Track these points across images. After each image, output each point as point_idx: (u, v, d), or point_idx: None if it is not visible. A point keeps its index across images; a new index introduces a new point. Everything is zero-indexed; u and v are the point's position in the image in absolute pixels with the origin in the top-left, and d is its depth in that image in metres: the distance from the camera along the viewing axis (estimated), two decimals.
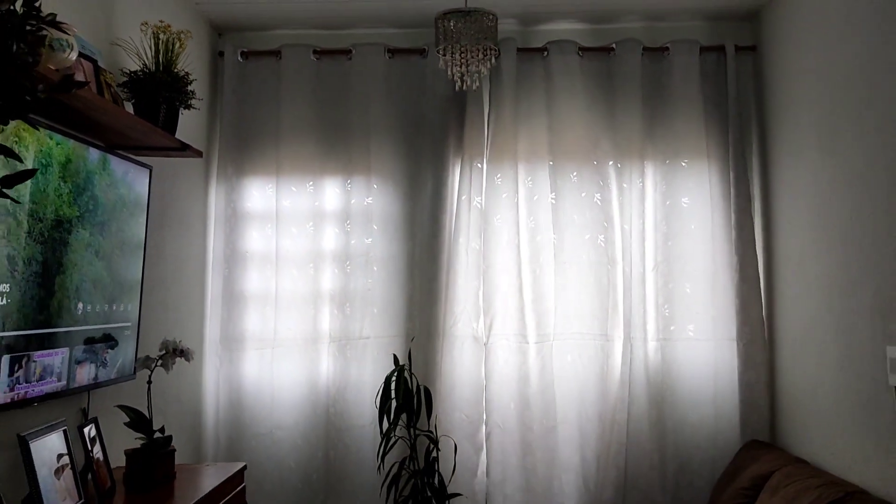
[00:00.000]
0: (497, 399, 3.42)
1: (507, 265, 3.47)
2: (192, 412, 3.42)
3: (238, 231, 3.61)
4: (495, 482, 3.35)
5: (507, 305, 3.45)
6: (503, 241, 3.48)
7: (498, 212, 3.50)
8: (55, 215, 2.11)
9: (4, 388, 1.91)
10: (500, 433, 3.40)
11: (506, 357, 3.44)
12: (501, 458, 3.38)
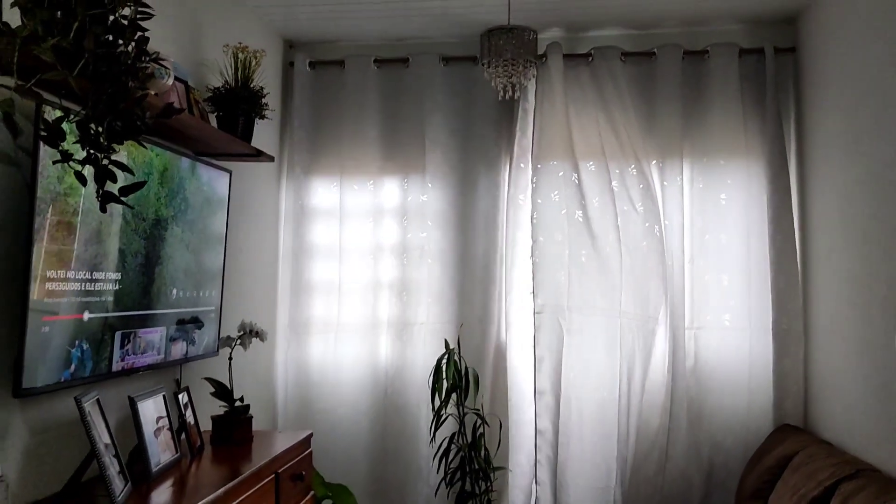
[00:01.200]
0: (542, 380, 3.62)
1: (553, 258, 3.69)
2: (266, 387, 3.83)
3: (305, 226, 3.98)
4: (539, 457, 3.60)
5: (551, 293, 3.66)
6: (550, 235, 3.68)
7: (545, 208, 3.71)
8: (155, 215, 2.50)
9: (118, 358, 2.31)
10: (545, 411, 3.61)
11: (550, 340, 3.64)
12: (546, 435, 3.60)
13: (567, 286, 3.64)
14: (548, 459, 3.49)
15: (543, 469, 3.48)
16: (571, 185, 3.72)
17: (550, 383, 3.54)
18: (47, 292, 1.97)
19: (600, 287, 3.66)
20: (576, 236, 3.68)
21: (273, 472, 2.62)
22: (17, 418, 2.02)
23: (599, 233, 3.67)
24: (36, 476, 2.09)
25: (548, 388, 3.55)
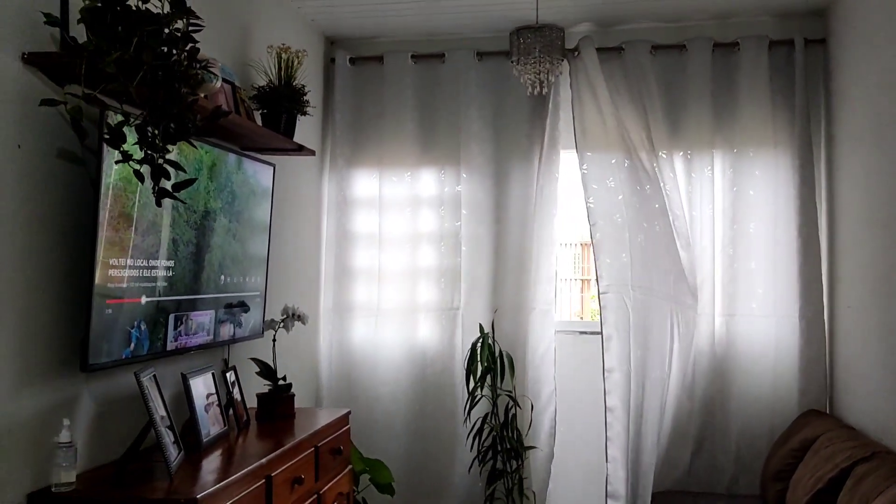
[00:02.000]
0: (610, 358, 3.61)
1: (613, 240, 3.71)
2: (310, 367, 4.05)
3: (347, 215, 4.18)
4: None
5: (615, 273, 3.67)
6: (609, 218, 3.71)
7: (600, 193, 3.74)
8: (204, 207, 2.71)
9: (171, 338, 2.53)
10: (614, 388, 3.59)
11: (616, 319, 3.65)
12: (615, 412, 3.58)
13: (629, 267, 3.67)
14: (618, 436, 3.49)
15: (615, 446, 3.48)
16: (624, 171, 3.75)
17: (618, 361, 3.55)
18: (109, 278, 2.19)
19: (653, 270, 3.71)
20: (631, 221, 3.71)
21: (313, 445, 2.82)
22: (84, 391, 2.25)
23: (649, 219, 3.74)
24: (100, 443, 2.32)
25: (616, 366, 3.56)
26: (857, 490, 2.58)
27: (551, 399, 3.82)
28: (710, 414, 3.74)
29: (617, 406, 3.54)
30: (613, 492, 3.47)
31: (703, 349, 3.76)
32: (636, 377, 3.60)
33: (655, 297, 3.69)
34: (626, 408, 3.56)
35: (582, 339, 4.09)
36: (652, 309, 3.69)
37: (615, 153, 3.77)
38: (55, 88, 2.05)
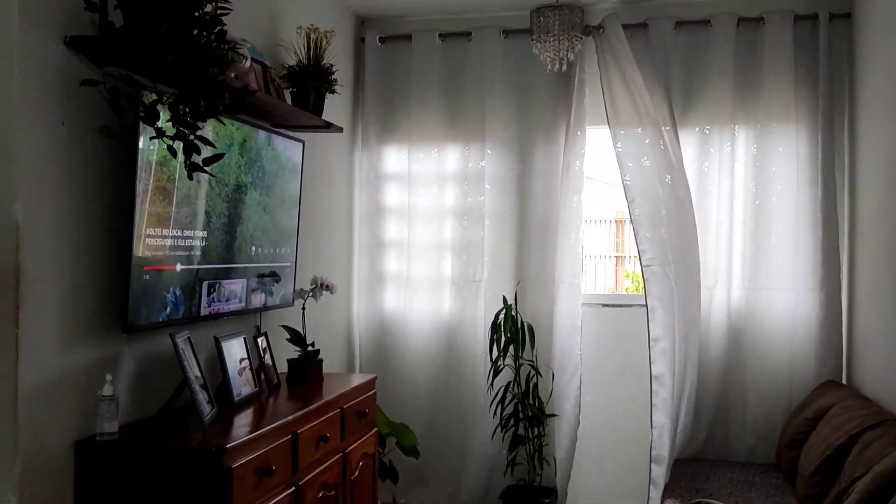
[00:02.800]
0: (656, 328, 3.60)
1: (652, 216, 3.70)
2: (345, 335, 4.23)
3: (379, 190, 4.33)
4: (655, 401, 3.58)
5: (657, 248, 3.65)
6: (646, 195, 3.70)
7: (636, 171, 3.74)
8: (235, 181, 2.86)
9: (205, 304, 2.71)
10: (660, 357, 3.59)
11: (660, 291, 3.62)
12: (661, 379, 3.57)
13: (669, 243, 3.68)
14: (664, 403, 3.52)
15: (660, 412, 3.52)
16: (658, 150, 3.76)
17: (664, 331, 3.58)
18: (147, 247, 2.36)
19: (685, 245, 3.74)
20: (666, 198, 3.73)
21: (339, 406, 2.99)
22: (125, 350, 2.44)
23: (680, 196, 3.78)
24: (140, 399, 2.51)
25: (661, 335, 3.58)
26: (863, 455, 2.65)
27: (577, 369, 3.92)
28: (728, 385, 3.82)
29: (663, 373, 3.53)
30: (657, 456, 3.46)
31: (720, 322, 3.83)
32: (679, 347, 3.65)
33: (688, 271, 3.74)
34: (672, 375, 3.56)
35: (605, 312, 4.18)
36: (685, 283, 3.73)
37: (647, 131, 3.79)
38: (95, 70, 2.21)
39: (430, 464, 4.10)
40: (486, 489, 4.06)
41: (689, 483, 3.37)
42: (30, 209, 2.04)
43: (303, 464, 2.63)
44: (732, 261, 3.86)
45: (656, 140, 3.77)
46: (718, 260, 3.85)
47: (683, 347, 3.66)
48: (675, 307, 3.63)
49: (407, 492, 4.11)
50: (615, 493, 4.00)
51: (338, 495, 2.92)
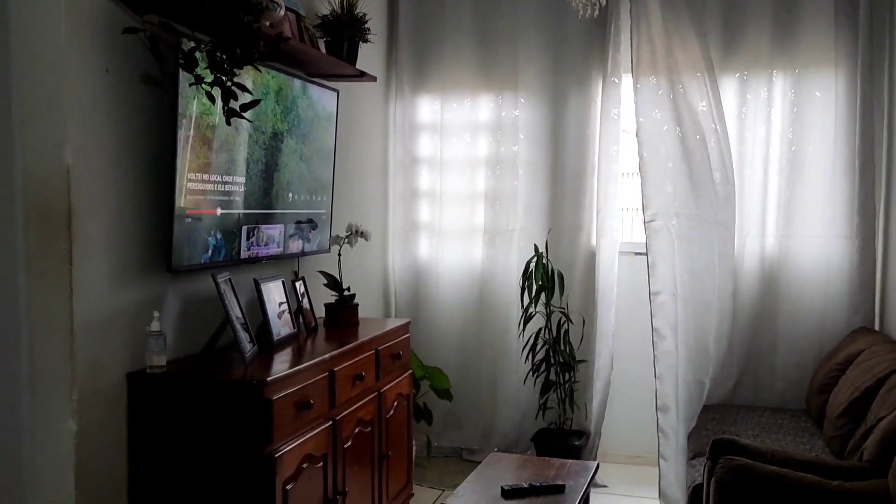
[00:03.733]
0: (656, 283, 3.67)
1: (658, 171, 3.72)
2: (380, 283, 4.33)
3: (412, 140, 4.38)
4: (657, 353, 3.66)
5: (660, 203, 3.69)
6: (654, 150, 3.72)
7: (647, 126, 3.74)
8: (272, 129, 2.94)
9: (244, 248, 2.82)
10: (659, 311, 3.66)
11: (661, 246, 3.67)
12: (661, 332, 3.66)
13: (673, 197, 3.73)
14: (664, 355, 3.63)
15: (661, 364, 3.61)
16: (669, 103, 3.76)
17: (663, 285, 3.66)
18: (188, 191, 2.46)
19: (698, 198, 3.73)
20: (675, 151, 3.74)
21: (374, 348, 3.10)
22: (170, 289, 2.56)
23: (693, 148, 3.78)
24: (184, 337, 2.64)
25: (661, 289, 3.65)
26: (889, 396, 2.67)
27: (608, 316, 3.97)
28: (759, 332, 3.83)
29: (663, 326, 3.65)
30: (662, 405, 3.61)
31: (753, 269, 3.84)
32: (682, 300, 3.70)
33: (699, 224, 3.74)
34: (672, 328, 3.66)
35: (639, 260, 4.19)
36: (696, 235, 3.73)
37: (663, 83, 3.76)
38: (135, 18, 2.28)
39: (464, 407, 4.22)
40: (518, 432, 4.17)
41: (716, 426, 3.42)
42: (79, 154, 2.14)
43: (339, 400, 2.75)
44: (767, 208, 3.84)
45: (668, 93, 3.75)
46: (752, 207, 3.84)
47: (693, 299, 3.70)
48: (677, 261, 3.68)
49: (441, 434, 4.24)
50: (643, 437, 4.06)
51: (373, 432, 3.05)
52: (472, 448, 4.25)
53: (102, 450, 2.26)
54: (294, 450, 2.41)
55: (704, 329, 3.74)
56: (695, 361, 3.71)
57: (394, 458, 3.24)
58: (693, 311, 3.72)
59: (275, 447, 2.33)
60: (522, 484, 2.50)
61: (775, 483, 2.27)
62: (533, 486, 2.49)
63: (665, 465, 3.56)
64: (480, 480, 2.59)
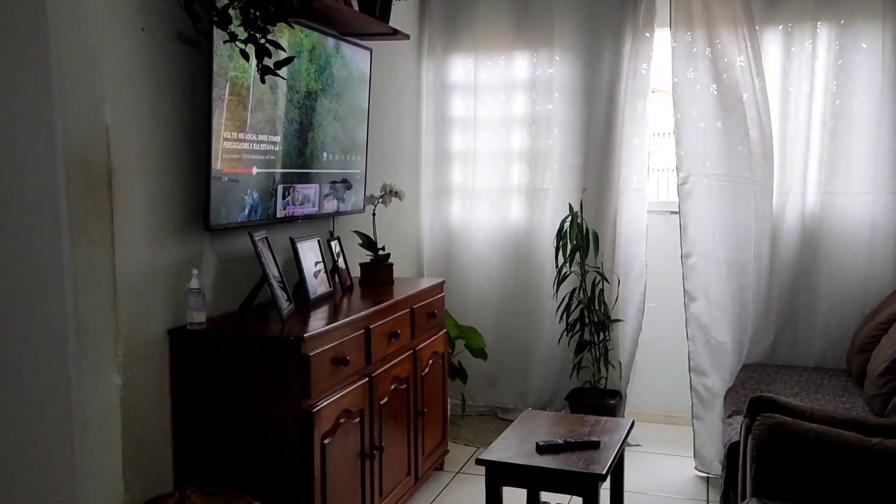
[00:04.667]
0: (687, 245, 3.65)
1: (692, 131, 3.66)
2: (413, 245, 4.35)
3: (445, 101, 4.35)
4: (687, 315, 3.65)
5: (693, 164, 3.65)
6: (687, 110, 3.65)
7: (681, 86, 3.66)
8: (306, 88, 2.94)
9: (280, 207, 2.84)
10: (690, 273, 3.64)
11: (692, 207, 3.65)
12: (692, 294, 3.64)
13: (705, 157, 3.67)
14: (693, 316, 3.62)
15: (693, 325, 3.62)
16: (705, 60, 3.69)
17: (694, 247, 3.64)
18: (224, 150, 2.48)
19: (734, 157, 3.67)
20: (709, 110, 3.68)
21: (409, 307, 3.12)
22: (208, 248, 2.60)
23: (728, 106, 3.70)
24: (223, 295, 2.68)
25: (692, 252, 3.63)
26: None
27: (641, 275, 3.94)
28: (799, 291, 3.76)
29: (694, 289, 3.64)
30: (696, 366, 3.61)
31: (793, 227, 3.76)
32: (715, 261, 3.66)
33: (734, 183, 3.68)
34: (704, 290, 3.65)
35: (672, 219, 4.14)
36: (730, 195, 3.67)
37: (699, 39, 3.67)
38: None
39: (498, 366, 4.24)
40: (552, 391, 4.19)
41: (755, 386, 3.39)
42: (117, 113, 2.17)
43: (375, 357, 2.79)
44: (809, 164, 3.74)
45: (705, 47, 3.65)
46: (795, 163, 3.75)
47: (727, 259, 3.65)
48: (710, 222, 3.64)
49: (476, 393, 4.28)
50: (677, 397, 4.05)
51: (409, 389, 3.09)
52: (506, 407, 4.29)
53: (147, 402, 2.32)
54: (331, 405, 2.45)
55: (742, 289, 3.70)
56: (731, 322, 3.68)
57: (429, 415, 3.28)
58: (728, 271, 3.67)
59: (312, 402, 2.37)
60: (557, 440, 2.51)
61: (814, 440, 2.24)
62: (568, 441, 2.50)
63: (699, 426, 3.56)
64: (515, 436, 2.61)
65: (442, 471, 3.56)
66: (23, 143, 1.97)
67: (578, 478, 2.32)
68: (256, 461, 2.38)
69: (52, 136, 1.94)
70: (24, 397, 2.01)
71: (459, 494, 3.34)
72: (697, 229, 3.66)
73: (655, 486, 3.43)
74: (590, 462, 2.38)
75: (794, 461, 2.25)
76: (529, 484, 2.60)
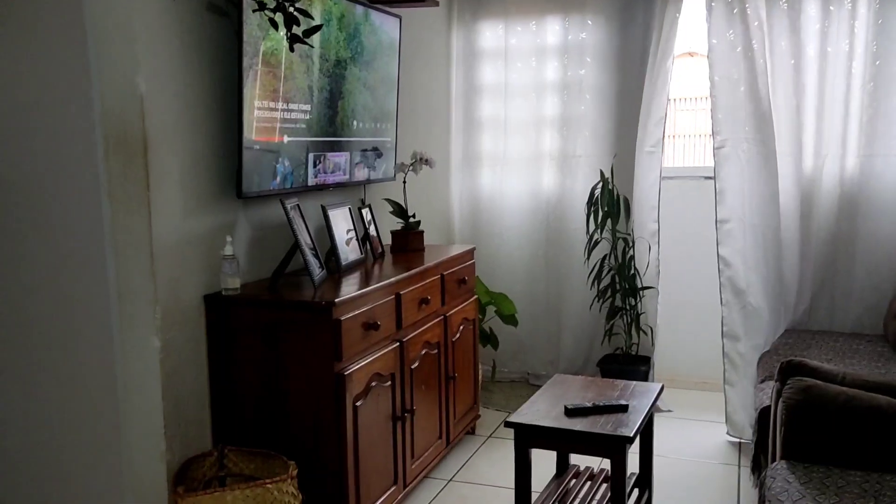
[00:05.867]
0: (724, 210, 3.58)
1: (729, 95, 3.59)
2: (444, 213, 4.37)
3: (475, 68, 4.34)
4: (722, 280, 3.60)
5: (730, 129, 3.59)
6: (726, 73, 3.58)
7: (719, 48, 3.58)
8: (336, 57, 2.96)
9: (312, 175, 2.88)
10: (726, 238, 3.59)
11: (729, 173, 3.59)
12: (727, 260, 3.60)
13: (745, 121, 3.60)
14: (730, 281, 3.59)
15: (727, 290, 3.59)
16: (742, 23, 3.60)
17: (731, 213, 3.60)
18: (256, 119, 2.52)
19: (768, 122, 3.61)
20: (748, 73, 3.59)
21: (440, 273, 3.15)
22: (241, 215, 2.66)
23: (768, 68, 3.62)
24: (255, 262, 2.74)
25: (729, 217, 3.59)
26: None
27: (654, 239, 3.92)
28: (836, 256, 3.71)
29: (729, 254, 3.59)
30: (729, 332, 3.59)
31: (831, 190, 3.69)
32: (752, 226, 3.61)
33: (768, 148, 3.61)
34: (741, 255, 3.60)
35: (706, 185, 4.10)
36: (765, 160, 3.61)
37: (737, 2, 3.60)
38: None
39: (530, 333, 4.27)
40: (583, 358, 4.21)
41: (789, 351, 3.37)
42: (151, 83, 2.22)
43: (406, 322, 2.83)
44: (848, 126, 3.66)
45: (744, 10, 3.56)
46: (833, 126, 3.67)
47: (763, 225, 3.61)
48: (746, 187, 3.58)
49: (508, 359, 4.32)
50: (708, 363, 4.05)
51: (440, 354, 3.13)
52: (538, 373, 4.32)
53: (185, 364, 2.40)
54: (363, 368, 2.51)
55: (777, 255, 3.66)
56: (765, 288, 3.65)
57: (460, 380, 3.33)
58: (763, 237, 3.63)
59: (344, 365, 2.42)
60: (586, 403, 2.54)
61: (844, 403, 2.24)
62: (596, 405, 2.52)
63: (731, 392, 3.55)
64: (544, 400, 2.64)
65: (473, 435, 3.62)
66: (62, 115, 2.02)
67: (606, 440, 2.35)
68: (290, 422, 2.45)
69: (90, 107, 1.99)
70: (70, 359, 2.09)
71: (490, 457, 3.39)
72: (734, 194, 3.60)
73: (686, 450, 3.44)
74: (618, 425, 2.40)
75: (824, 424, 2.25)
76: (558, 446, 2.64)
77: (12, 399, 2.14)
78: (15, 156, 2.05)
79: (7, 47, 2.01)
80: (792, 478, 2.15)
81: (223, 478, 2.44)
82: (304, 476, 2.38)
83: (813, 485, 2.10)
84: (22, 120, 2.03)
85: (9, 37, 2.00)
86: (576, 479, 2.76)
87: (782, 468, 2.22)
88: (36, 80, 2.00)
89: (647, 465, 2.77)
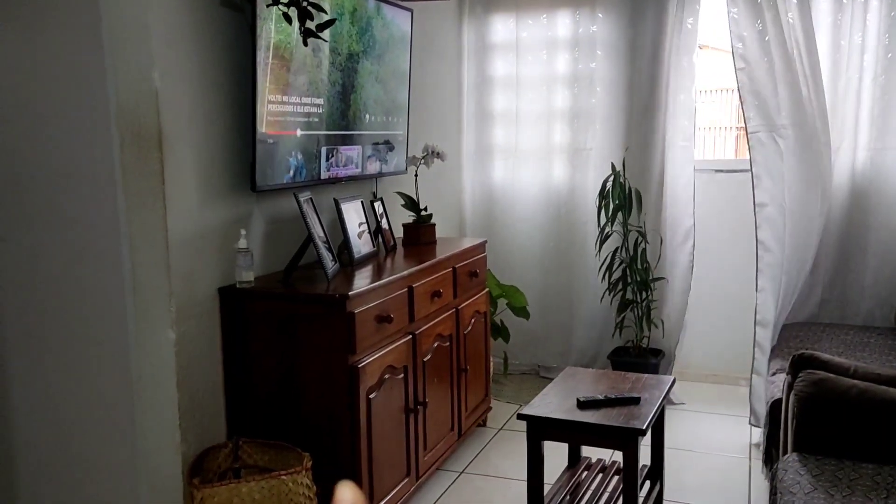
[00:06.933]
0: (761, 194, 3.51)
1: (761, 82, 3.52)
2: (455, 205, 4.38)
3: (486, 61, 4.34)
4: (760, 266, 3.51)
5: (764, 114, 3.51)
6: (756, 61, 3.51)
7: (750, 40, 3.52)
8: (348, 50, 2.97)
9: (324, 169, 2.89)
10: (764, 223, 3.52)
11: (765, 158, 3.51)
12: (766, 244, 3.52)
13: (778, 109, 3.53)
14: (768, 267, 3.50)
15: (765, 276, 3.49)
16: (771, 10, 3.51)
17: (770, 197, 3.51)
18: (269, 112, 2.53)
19: (800, 110, 3.55)
20: (779, 59, 3.52)
21: (451, 266, 3.16)
22: (255, 208, 2.67)
23: (795, 57, 3.59)
24: (269, 255, 2.76)
25: (767, 201, 3.50)
26: None
27: (689, 234, 3.90)
28: (848, 249, 3.71)
29: (768, 239, 3.48)
30: (762, 320, 3.47)
31: (842, 183, 3.69)
32: (790, 212, 3.55)
33: (804, 135, 3.57)
34: (779, 240, 3.51)
35: (718, 178, 4.10)
36: (801, 147, 3.58)
37: None
38: None
39: (541, 325, 4.28)
40: (595, 350, 4.22)
41: (800, 345, 3.37)
42: (165, 77, 2.23)
43: (418, 315, 2.84)
44: (860, 118, 3.66)
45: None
46: (845, 118, 3.66)
47: (798, 212, 3.57)
48: (784, 173, 3.53)
49: (519, 351, 4.33)
50: (721, 356, 4.06)
51: (452, 346, 3.15)
52: (549, 365, 4.33)
53: (199, 357, 2.42)
54: (376, 361, 2.53)
55: (805, 245, 3.60)
56: (792, 276, 3.61)
57: (472, 372, 3.35)
58: (796, 224, 3.58)
59: (357, 358, 2.44)
60: (598, 396, 2.54)
61: (855, 396, 2.24)
62: (608, 397, 2.53)
63: (757, 381, 3.45)
64: (556, 392, 2.65)
65: (485, 427, 3.64)
66: (77, 109, 2.04)
67: (618, 432, 2.36)
68: (305, 414, 2.47)
69: (106, 101, 2.01)
70: (86, 352, 2.11)
71: (502, 449, 3.41)
72: (773, 179, 3.51)
73: (698, 443, 3.45)
74: (630, 417, 2.41)
75: (836, 417, 2.25)
76: (570, 438, 2.65)
77: (28, 392, 2.17)
78: (30, 151, 2.07)
79: (22, 43, 2.03)
80: (804, 470, 2.16)
81: (238, 469, 2.46)
82: (318, 468, 2.40)
83: (825, 477, 2.11)
84: (37, 115, 2.05)
85: (24, 32, 2.02)
86: (588, 472, 2.77)
87: (794, 461, 2.23)
88: (51, 76, 2.02)
89: (659, 458, 2.78)
